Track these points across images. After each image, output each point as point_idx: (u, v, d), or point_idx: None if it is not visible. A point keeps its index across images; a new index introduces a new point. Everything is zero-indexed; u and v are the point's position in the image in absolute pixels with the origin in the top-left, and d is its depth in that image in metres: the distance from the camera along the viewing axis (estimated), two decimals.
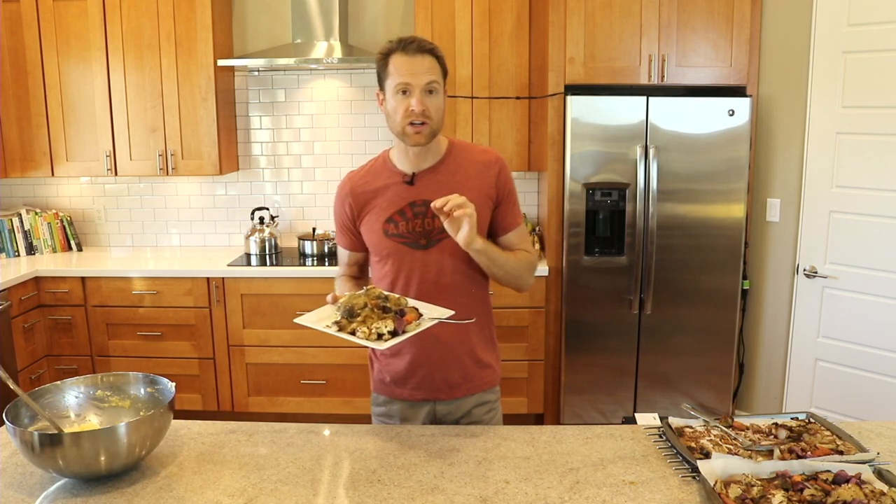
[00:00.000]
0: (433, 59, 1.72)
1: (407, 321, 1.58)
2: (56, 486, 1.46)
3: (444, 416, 1.89)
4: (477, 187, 1.81)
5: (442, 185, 1.79)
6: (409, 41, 1.72)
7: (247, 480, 1.48)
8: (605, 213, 3.47)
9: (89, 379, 1.67)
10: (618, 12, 3.38)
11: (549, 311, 3.60)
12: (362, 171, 1.90)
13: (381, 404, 1.95)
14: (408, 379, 1.87)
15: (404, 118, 1.72)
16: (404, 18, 4.03)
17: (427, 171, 1.82)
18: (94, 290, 3.71)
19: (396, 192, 1.82)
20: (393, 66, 1.72)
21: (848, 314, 3.24)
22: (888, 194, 3.05)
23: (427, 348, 1.82)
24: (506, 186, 1.85)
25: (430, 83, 1.71)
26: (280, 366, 3.74)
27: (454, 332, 1.80)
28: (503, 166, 1.87)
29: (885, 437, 1.64)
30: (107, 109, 3.85)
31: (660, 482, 1.46)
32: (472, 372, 1.89)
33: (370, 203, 1.84)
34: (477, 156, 1.86)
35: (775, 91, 3.48)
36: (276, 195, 4.25)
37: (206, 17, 3.74)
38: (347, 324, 1.59)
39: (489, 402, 1.93)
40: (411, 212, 1.80)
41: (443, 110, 1.77)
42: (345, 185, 1.90)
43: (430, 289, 1.79)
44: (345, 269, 1.99)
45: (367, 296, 1.64)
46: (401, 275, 1.82)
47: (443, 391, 1.87)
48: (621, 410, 3.58)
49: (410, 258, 1.81)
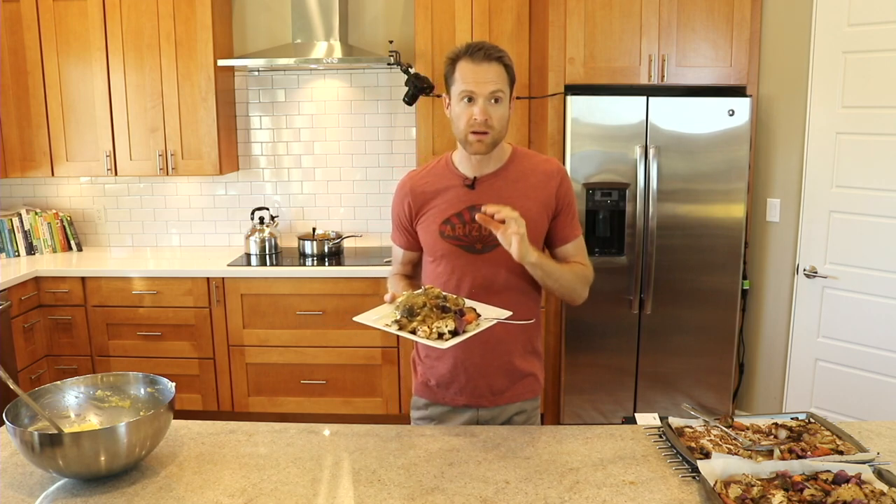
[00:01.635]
0: (500, 67, 1.71)
1: (467, 321, 1.59)
2: (56, 486, 1.46)
3: (485, 422, 1.88)
4: (536, 196, 1.81)
5: (502, 191, 1.80)
6: (476, 47, 1.71)
7: (247, 480, 1.48)
8: (605, 213, 3.47)
9: (89, 379, 1.67)
10: (618, 12, 3.38)
11: (549, 311, 3.60)
12: (423, 171, 1.91)
13: (422, 408, 1.94)
14: (451, 383, 1.87)
15: (467, 126, 1.72)
16: (404, 18, 4.03)
17: (488, 176, 1.82)
18: (94, 290, 3.71)
19: (456, 194, 1.82)
20: (459, 72, 1.72)
21: (848, 314, 3.24)
22: (888, 194, 3.05)
23: (472, 353, 1.82)
24: (566, 198, 1.86)
25: (495, 92, 1.70)
26: (280, 366, 3.74)
27: (502, 338, 1.81)
28: (564, 177, 1.86)
29: (885, 437, 1.64)
30: (107, 109, 3.85)
31: (660, 482, 1.46)
32: (516, 379, 1.88)
33: (429, 203, 1.85)
34: (539, 164, 1.86)
35: (775, 91, 3.48)
36: (276, 195, 4.25)
37: (206, 17, 3.74)
38: (408, 322, 1.60)
39: (527, 412, 1.93)
40: (469, 215, 1.79)
41: (507, 119, 1.76)
42: (405, 183, 1.90)
43: (481, 294, 1.79)
44: (398, 268, 2.00)
45: (426, 295, 1.64)
46: (453, 277, 1.82)
47: (486, 398, 1.87)
48: (621, 410, 3.58)
49: (464, 261, 1.81)
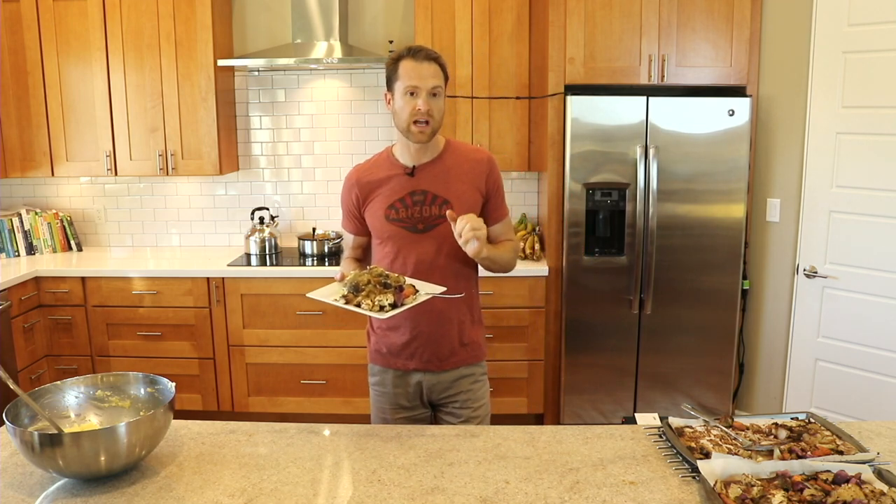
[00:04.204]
0: (437, 67, 1.96)
1: (405, 295, 1.78)
2: (56, 486, 1.46)
3: (433, 385, 2.10)
4: (469, 181, 2.05)
5: (439, 177, 2.03)
6: (417, 49, 1.95)
7: (247, 480, 1.48)
8: (605, 213, 3.47)
9: (89, 379, 1.68)
10: (618, 12, 3.38)
11: (549, 311, 3.60)
12: (368, 164, 2.13)
13: (376, 374, 2.16)
14: (402, 350, 2.08)
15: (410, 117, 1.94)
16: (404, 18, 4.03)
17: (426, 164, 2.04)
18: (94, 290, 3.71)
19: (398, 182, 2.04)
20: (402, 70, 1.94)
21: (848, 314, 3.24)
22: (888, 194, 3.05)
23: (421, 324, 2.03)
24: (495, 183, 2.09)
25: (435, 87, 1.94)
26: (280, 366, 3.74)
27: (445, 310, 2.03)
28: (493, 164, 2.10)
29: (885, 437, 1.64)
30: (107, 109, 3.85)
31: (660, 482, 1.46)
32: (459, 347, 2.09)
33: (374, 192, 2.06)
34: (470, 154, 2.10)
35: (775, 91, 3.48)
36: (276, 195, 4.25)
37: (206, 17, 3.74)
38: (353, 297, 1.78)
39: (474, 374, 2.13)
40: (411, 200, 2.02)
41: (443, 112, 2.00)
42: (352, 175, 2.12)
43: (424, 269, 2.00)
44: (350, 252, 2.22)
45: (370, 273, 1.82)
46: (399, 255, 2.04)
47: (433, 363, 2.07)
48: (621, 410, 3.58)
49: (408, 241, 2.03)
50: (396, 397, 2.11)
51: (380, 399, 2.15)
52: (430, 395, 2.11)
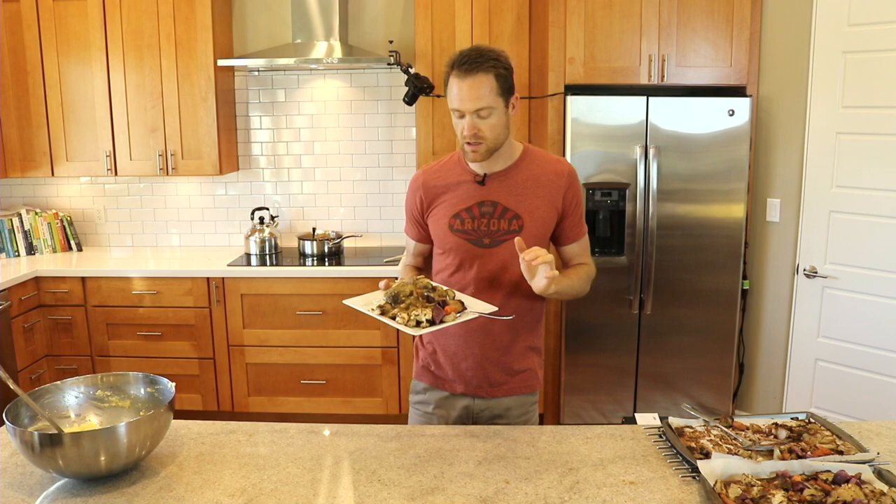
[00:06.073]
0: (488, 77, 1.71)
1: (446, 312, 1.63)
2: (56, 486, 1.46)
3: (480, 411, 1.93)
4: (545, 195, 1.85)
5: (511, 188, 1.85)
6: (464, 59, 1.71)
7: (247, 480, 1.48)
8: (605, 213, 3.47)
9: (89, 379, 1.67)
10: (618, 12, 3.38)
11: (549, 311, 3.60)
12: (436, 166, 1.96)
13: (420, 392, 1.99)
14: (450, 371, 1.92)
15: (461, 137, 1.78)
16: (404, 18, 4.03)
17: (498, 173, 1.86)
18: (94, 290, 3.71)
19: (466, 190, 1.87)
20: (449, 87, 1.76)
21: (848, 314, 3.24)
22: (888, 194, 3.05)
23: (473, 345, 1.87)
24: (574, 199, 1.89)
25: (479, 110, 1.73)
26: (280, 366, 3.74)
27: (501, 332, 1.86)
28: (574, 178, 1.90)
29: (885, 437, 1.64)
30: (107, 109, 3.85)
31: (660, 482, 1.46)
32: (514, 373, 1.92)
33: (440, 197, 1.90)
34: (549, 165, 1.89)
35: (775, 91, 3.48)
36: (276, 195, 4.25)
37: (206, 18, 3.74)
38: (390, 308, 1.66)
39: (525, 405, 1.96)
40: (478, 210, 1.85)
41: (500, 126, 1.78)
42: (418, 177, 1.96)
43: (486, 287, 1.84)
44: (410, 259, 2.06)
45: (415, 285, 1.70)
46: (460, 269, 1.88)
47: (483, 388, 1.91)
48: (621, 410, 3.58)
49: (472, 254, 1.86)
50: (438, 420, 1.94)
51: (420, 419, 1.98)
52: (475, 423, 1.93)
